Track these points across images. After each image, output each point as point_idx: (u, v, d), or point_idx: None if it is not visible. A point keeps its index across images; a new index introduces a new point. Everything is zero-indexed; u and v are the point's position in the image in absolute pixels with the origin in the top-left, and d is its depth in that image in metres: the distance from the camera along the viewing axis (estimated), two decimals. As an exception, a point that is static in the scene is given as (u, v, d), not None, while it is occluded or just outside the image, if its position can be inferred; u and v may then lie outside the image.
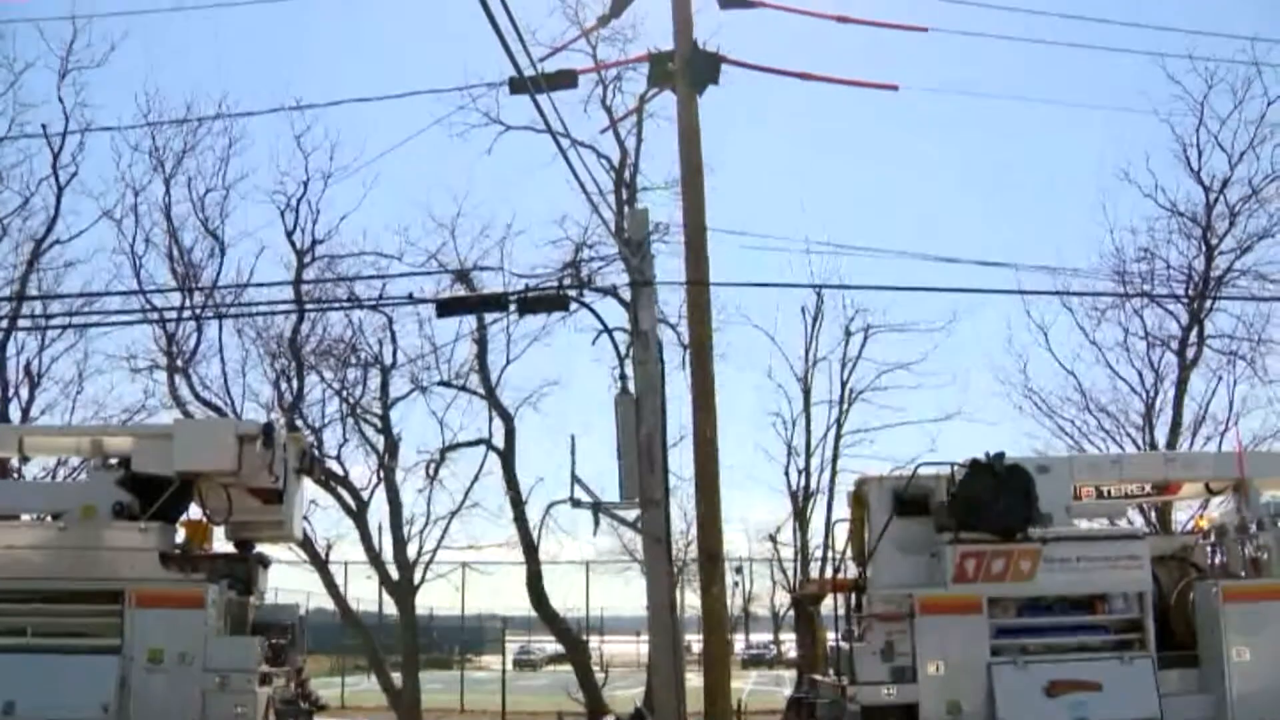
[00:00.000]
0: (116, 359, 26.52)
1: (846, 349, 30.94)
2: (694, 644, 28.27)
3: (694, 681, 15.99)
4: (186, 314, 26.30)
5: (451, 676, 40.78)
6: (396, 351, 27.40)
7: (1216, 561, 13.92)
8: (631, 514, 14.11)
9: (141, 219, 26.71)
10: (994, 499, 12.67)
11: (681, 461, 18.04)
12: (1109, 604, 12.84)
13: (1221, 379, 27.01)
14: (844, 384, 31.06)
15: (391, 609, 28.87)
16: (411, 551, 27.36)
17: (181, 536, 12.64)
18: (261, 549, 13.42)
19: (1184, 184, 27.05)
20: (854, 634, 13.34)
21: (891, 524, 13.22)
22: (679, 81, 15.84)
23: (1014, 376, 29.32)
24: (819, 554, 26.35)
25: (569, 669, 27.61)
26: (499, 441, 26.86)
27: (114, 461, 12.92)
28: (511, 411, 27.03)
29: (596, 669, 27.50)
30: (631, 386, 13.83)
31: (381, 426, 27.37)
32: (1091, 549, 12.79)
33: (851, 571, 14.09)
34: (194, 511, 12.80)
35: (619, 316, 18.72)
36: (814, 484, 31.15)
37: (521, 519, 26.35)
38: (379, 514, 27.06)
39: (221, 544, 13.19)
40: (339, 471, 26.93)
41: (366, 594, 33.45)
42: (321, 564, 27.13)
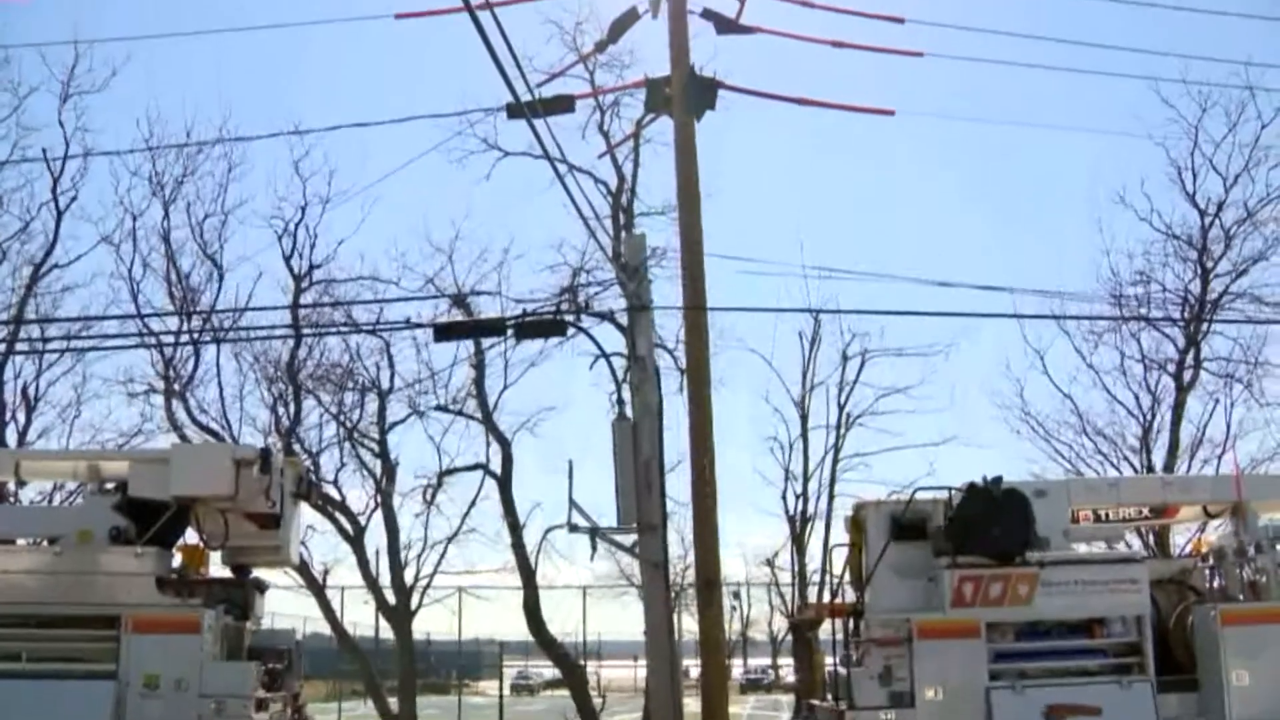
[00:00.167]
0: (113, 383, 26.58)
1: (844, 373, 31.10)
2: (692, 669, 28.19)
3: (692, 706, 15.94)
4: (184, 338, 26.34)
5: (449, 702, 40.66)
6: (394, 376, 27.46)
7: (1215, 585, 13.91)
8: (629, 539, 14.12)
9: (140, 243, 26.82)
10: (991, 523, 12.67)
11: (679, 486, 18.03)
12: (1108, 628, 12.81)
13: (1218, 402, 27.12)
14: (841, 408, 31.20)
15: (388, 634, 28.82)
16: (409, 576, 27.34)
17: (178, 561, 12.59)
18: (258, 574, 13.39)
19: (1179, 207, 27.22)
20: (852, 659, 13.31)
21: (889, 548, 13.21)
22: (676, 107, 15.89)
23: (1011, 400, 29.41)
24: (817, 578, 26.35)
25: (566, 694, 27.52)
26: (496, 466, 26.87)
27: (110, 486, 12.89)
28: (509, 436, 27.06)
29: (594, 694, 27.41)
30: (629, 411, 13.84)
31: (379, 451, 27.38)
32: (1090, 573, 12.78)
33: (849, 596, 14.07)
34: (190, 536, 12.77)
35: (616, 341, 18.76)
36: (811, 508, 31.21)
37: (519, 544, 26.32)
38: (376, 539, 27.06)
39: (218, 569, 13.16)
40: (336, 496, 26.94)
41: (363, 619, 33.42)
42: (318, 589, 27.08)
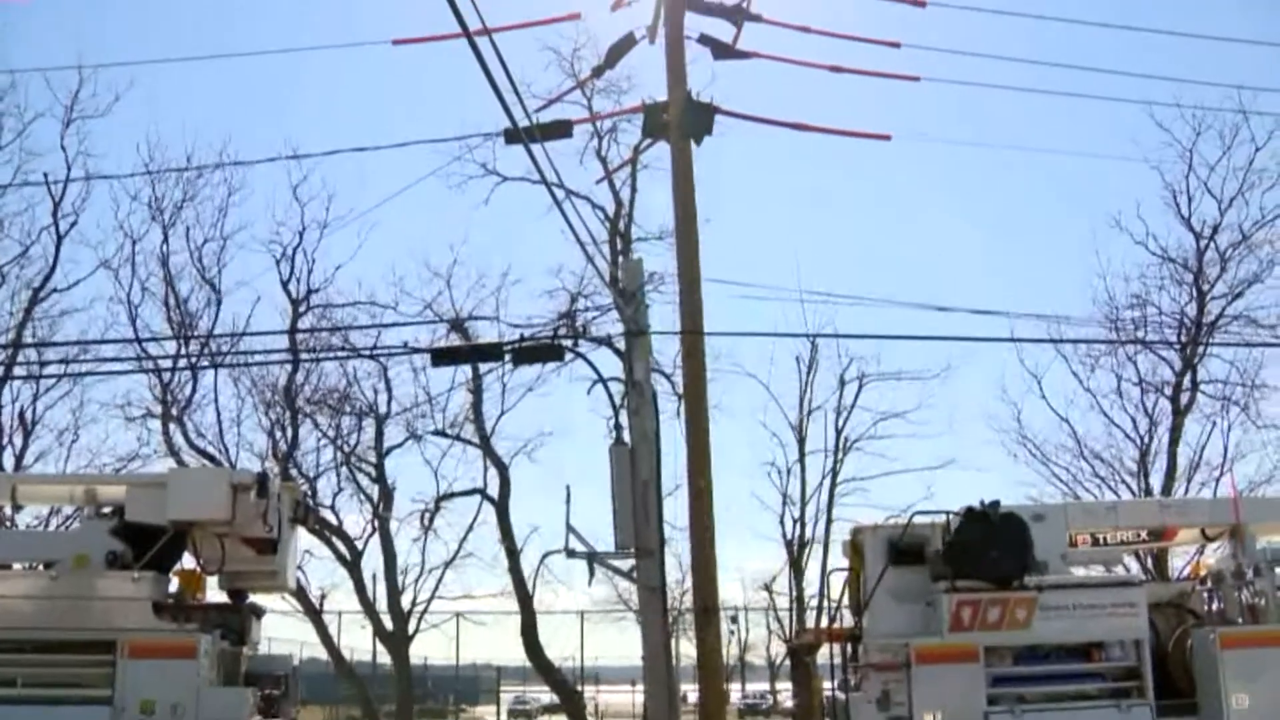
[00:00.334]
0: (111, 407, 26.60)
1: (841, 398, 31.07)
2: (690, 693, 28.09)
3: (690, 732, 15.88)
4: (182, 363, 26.38)
5: (446, 727, 40.45)
6: (391, 401, 27.51)
7: (1214, 608, 13.89)
8: (626, 564, 14.08)
9: (139, 268, 26.94)
10: (989, 547, 12.66)
11: (676, 511, 18.01)
12: (1106, 652, 12.79)
13: (1215, 424, 27.18)
14: (839, 432, 31.19)
15: (385, 659, 28.76)
16: (406, 601, 27.34)
17: (175, 586, 12.57)
18: (255, 599, 13.35)
19: (1175, 230, 27.37)
20: (850, 683, 13.28)
21: (887, 573, 13.19)
22: (673, 132, 15.94)
23: (1008, 424, 29.43)
24: (815, 603, 26.28)
25: (564, 719, 27.43)
26: (494, 491, 26.90)
27: (107, 510, 12.87)
28: (506, 461, 27.11)
29: (592, 719, 27.31)
30: (626, 436, 13.84)
31: (376, 476, 27.41)
32: (1088, 596, 12.76)
33: (847, 620, 14.04)
34: (187, 561, 12.75)
35: (614, 366, 18.81)
36: (809, 533, 31.15)
37: (516, 569, 26.34)
38: (373, 563, 27.05)
39: (215, 594, 13.12)
40: (333, 521, 26.93)
41: (360, 644, 33.31)
42: (315, 614, 27.04)
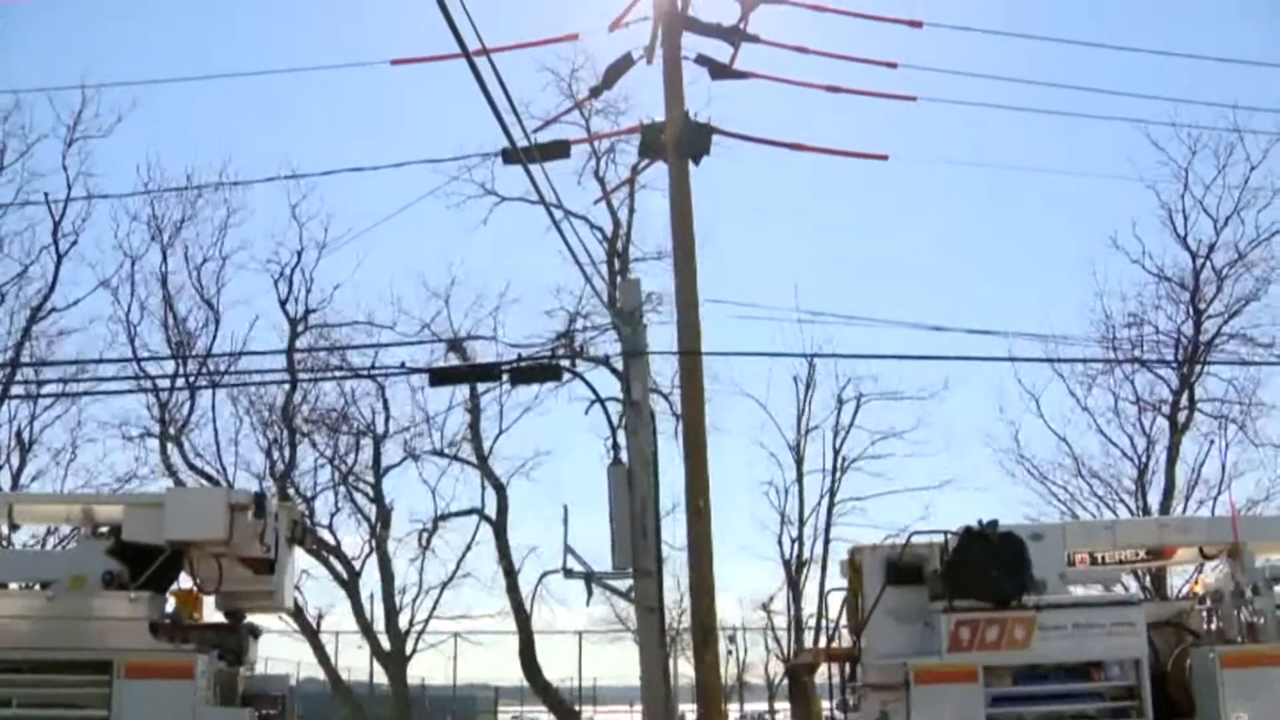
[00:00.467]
0: (109, 426, 26.58)
1: (839, 417, 31.02)
2: (688, 714, 27.96)
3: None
4: (180, 382, 26.39)
5: (443, 748, 40.27)
6: (389, 420, 27.49)
7: (1213, 627, 13.85)
8: (625, 584, 14.05)
9: (138, 287, 26.97)
10: (988, 567, 12.65)
11: (675, 531, 18.03)
12: (1105, 671, 12.76)
13: (1213, 443, 27.19)
14: (836, 452, 31.11)
15: (383, 679, 28.65)
16: (403, 621, 27.25)
17: (172, 606, 12.53)
18: (252, 619, 13.31)
19: (1171, 249, 27.41)
20: (849, 704, 13.24)
21: (885, 593, 13.17)
22: (670, 153, 15.98)
23: (1006, 443, 29.42)
24: (813, 623, 26.21)
25: (562, 740, 27.33)
26: (491, 511, 26.85)
27: (104, 530, 12.85)
28: (504, 481, 27.07)
29: (590, 740, 27.24)
30: (624, 456, 13.83)
31: (374, 496, 27.36)
32: (1087, 616, 12.74)
33: (846, 640, 14.01)
34: (184, 581, 12.72)
35: (612, 386, 18.79)
36: (807, 553, 31.07)
37: (514, 589, 26.26)
38: (371, 583, 26.98)
39: (212, 614, 13.09)
40: (331, 541, 26.88)
41: (358, 664, 33.14)
42: (312, 634, 26.96)
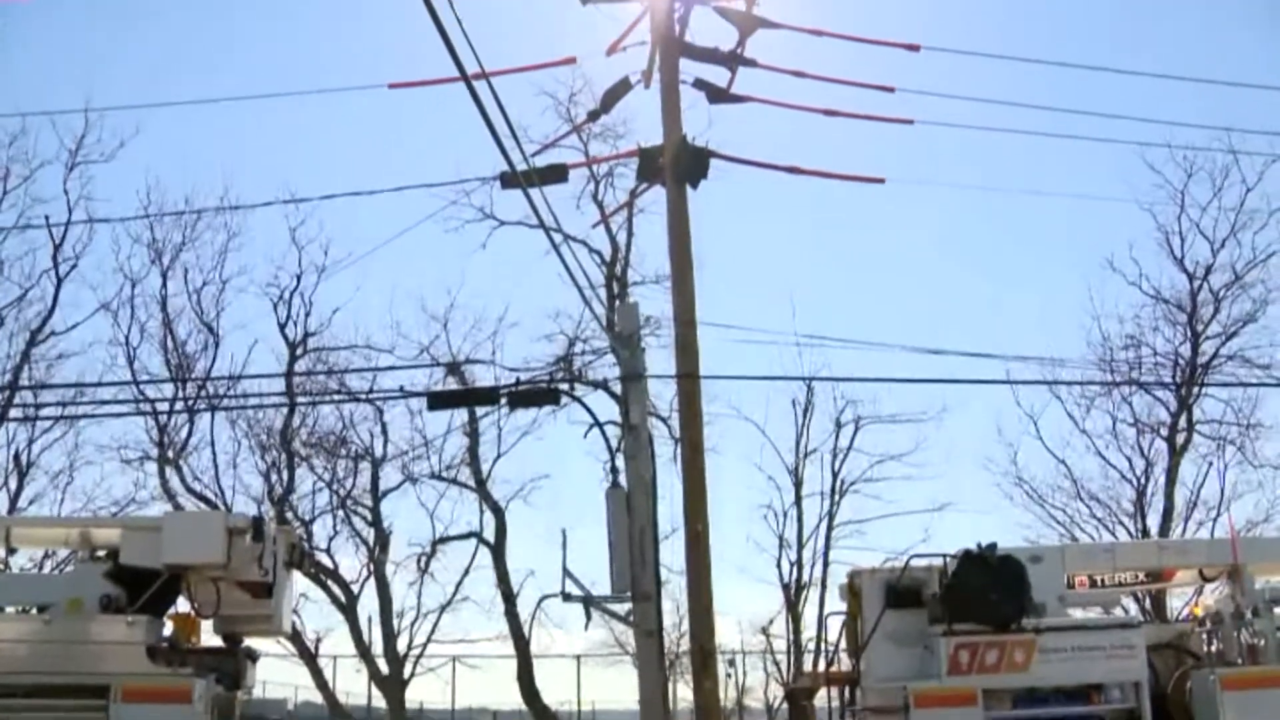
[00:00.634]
0: (107, 449, 26.57)
1: (837, 440, 30.96)
2: (688, 738, 27.87)
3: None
4: (179, 405, 26.40)
5: (441, 773, 40.06)
6: (387, 444, 27.46)
7: (1213, 649, 13.83)
8: (623, 607, 14.02)
9: (138, 311, 27.03)
10: (987, 590, 12.63)
11: (673, 554, 17.97)
12: (1105, 694, 12.71)
13: (1212, 464, 27.18)
14: (835, 475, 31.03)
15: (381, 703, 28.52)
16: (401, 645, 27.16)
17: (169, 630, 12.50)
18: (250, 643, 13.28)
19: (1168, 271, 27.47)
20: (849, 727, 13.20)
21: (884, 616, 13.14)
22: (668, 177, 16.04)
23: (1004, 466, 29.40)
24: (812, 646, 26.15)
25: (561, 764, 27.22)
26: (490, 534, 26.81)
27: (102, 554, 12.83)
28: (503, 505, 27.02)
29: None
30: (623, 480, 13.82)
31: (372, 519, 27.32)
32: (1086, 639, 12.72)
33: (845, 664, 13.98)
34: (182, 605, 12.69)
35: (610, 410, 18.79)
36: (806, 576, 30.97)
37: (512, 612, 26.20)
38: (369, 607, 26.90)
39: (210, 638, 13.05)
40: (329, 564, 26.82)
41: (356, 688, 32.98)
42: (310, 657, 26.87)
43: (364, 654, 26.82)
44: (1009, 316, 42.18)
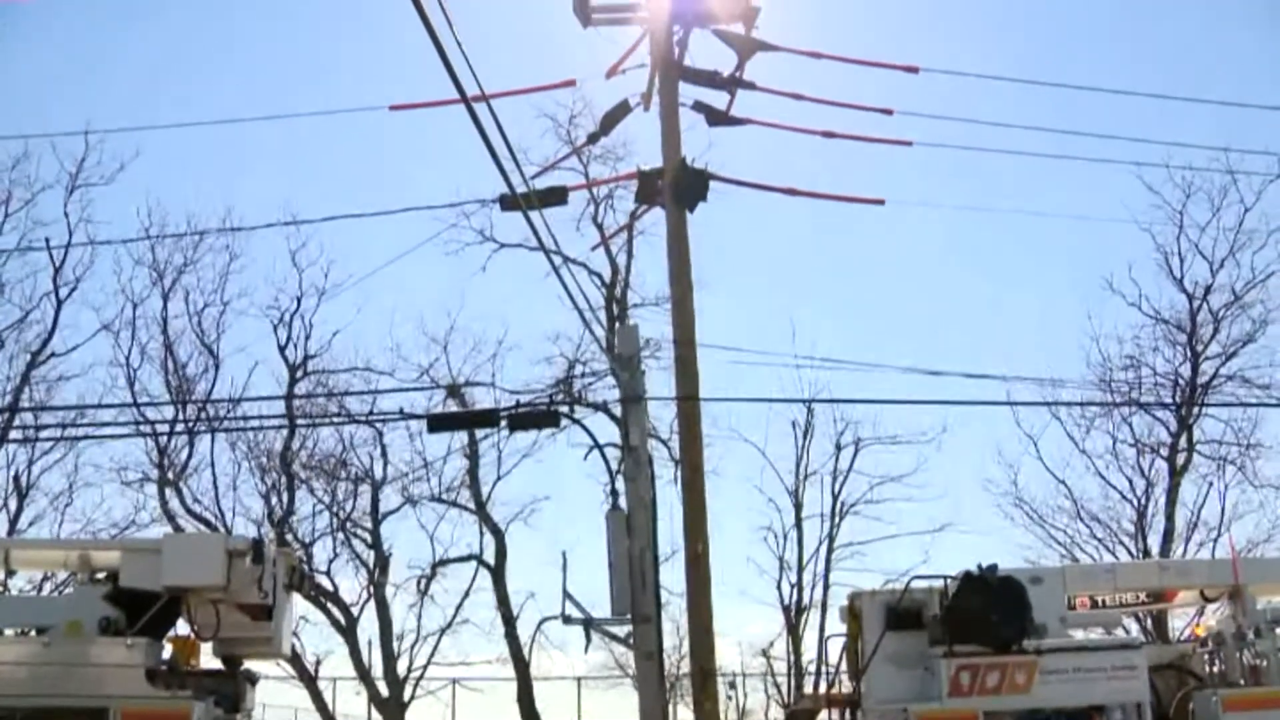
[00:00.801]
0: (107, 471, 26.54)
1: (837, 462, 30.88)
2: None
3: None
4: (179, 427, 26.39)
5: (441, 797, 39.86)
6: (387, 466, 27.44)
7: (1215, 670, 13.81)
8: (623, 629, 13.99)
9: (139, 332, 27.05)
10: (988, 611, 12.62)
11: (673, 576, 17.95)
12: (1107, 715, 12.70)
13: (1212, 484, 27.12)
14: (835, 497, 30.92)
15: (380, 726, 28.40)
16: (401, 668, 27.06)
17: (168, 653, 12.49)
18: (249, 665, 13.25)
19: (1167, 292, 27.48)
20: (850, 750, 13.17)
21: (885, 638, 13.13)
22: (668, 199, 16.08)
23: (1005, 487, 29.33)
24: (813, 668, 26.05)
25: (561, 787, 27.11)
26: (490, 557, 26.75)
27: (101, 576, 12.82)
28: (502, 527, 26.97)
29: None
30: (623, 502, 13.81)
31: (372, 541, 27.26)
32: (1088, 660, 12.71)
33: (846, 686, 13.95)
34: (182, 627, 12.67)
35: (610, 432, 18.78)
36: (807, 598, 30.87)
37: (512, 635, 26.13)
38: (369, 630, 26.82)
39: (209, 660, 13.03)
40: (329, 587, 26.75)
41: (355, 710, 32.81)
42: (310, 680, 26.76)
43: (364, 676, 26.73)
44: (1009, 337, 42.16)
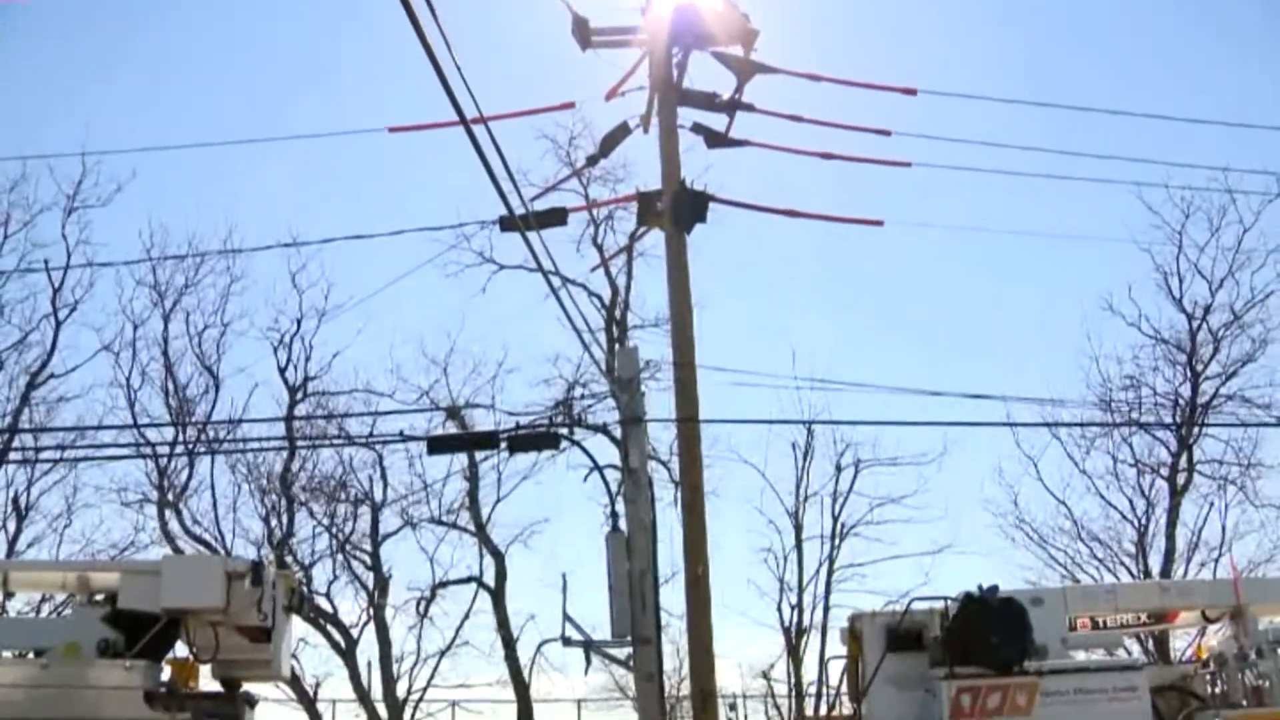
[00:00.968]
0: (106, 492, 26.51)
1: (837, 483, 30.84)
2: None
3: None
4: (179, 449, 26.37)
5: (440, 820, 39.65)
6: (387, 488, 27.41)
7: (1217, 690, 13.77)
8: (623, 652, 13.95)
9: (139, 353, 27.08)
10: (989, 632, 12.59)
11: (674, 598, 17.90)
12: (1109, 737, 12.66)
13: (1213, 504, 27.08)
14: (835, 518, 30.88)
15: (380, 749, 28.30)
16: (401, 690, 26.98)
17: (167, 675, 12.44)
18: (249, 688, 13.21)
19: (1166, 312, 27.51)
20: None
21: (886, 660, 13.10)
22: (667, 221, 16.12)
23: (1005, 507, 29.29)
24: (814, 691, 25.96)
25: (561, 811, 26.99)
26: (490, 579, 26.71)
27: (100, 597, 12.79)
28: (502, 549, 26.93)
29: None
30: (623, 524, 13.80)
31: (371, 563, 27.22)
32: (1089, 681, 12.67)
33: (847, 708, 13.90)
34: (180, 649, 12.64)
35: (610, 454, 18.76)
36: (807, 620, 30.79)
37: (512, 657, 26.06)
38: (368, 652, 26.75)
39: (208, 683, 12.99)
40: (328, 609, 26.69)
41: (355, 733, 32.80)
42: (309, 702, 26.68)
43: (363, 699, 26.63)
44: (1009, 356, 42.20)
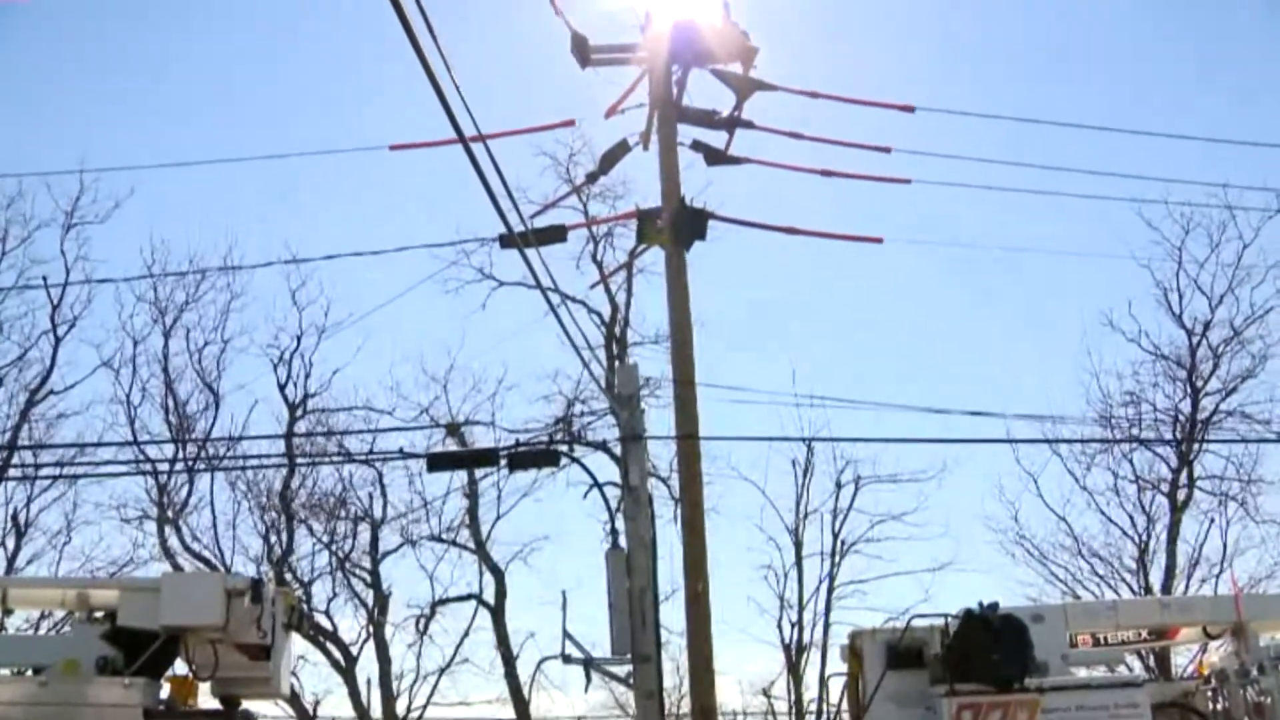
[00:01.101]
0: (106, 509, 26.52)
1: (837, 500, 30.82)
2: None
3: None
4: (179, 466, 26.39)
5: (440, 839, 39.51)
6: (386, 505, 27.42)
7: (1219, 707, 13.72)
8: (623, 669, 13.94)
9: (139, 370, 27.11)
10: (989, 649, 12.55)
11: (674, 615, 17.88)
12: (1111, 754, 12.62)
13: (1213, 520, 27.06)
14: (835, 535, 30.83)
15: (379, 767, 28.23)
16: (400, 708, 26.94)
17: (166, 693, 12.41)
18: (248, 706, 13.17)
19: (1166, 328, 27.53)
20: (852, 790, 13.07)
21: (886, 677, 13.06)
22: (666, 238, 16.15)
23: (1005, 524, 29.25)
24: (814, 708, 25.91)
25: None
26: (489, 596, 26.69)
27: (99, 615, 12.76)
28: (502, 566, 26.92)
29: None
30: (623, 541, 13.79)
31: (371, 581, 27.21)
32: (1090, 698, 12.62)
33: (847, 725, 13.87)
34: (180, 667, 12.61)
35: (610, 471, 18.76)
36: (807, 637, 30.73)
37: (512, 674, 26.03)
38: (368, 669, 26.71)
39: (207, 700, 12.96)
40: (328, 626, 26.67)
41: (354, 751, 32.71)
42: (308, 720, 26.63)
43: (363, 716, 26.59)
44: (1009, 373, 42.16)
